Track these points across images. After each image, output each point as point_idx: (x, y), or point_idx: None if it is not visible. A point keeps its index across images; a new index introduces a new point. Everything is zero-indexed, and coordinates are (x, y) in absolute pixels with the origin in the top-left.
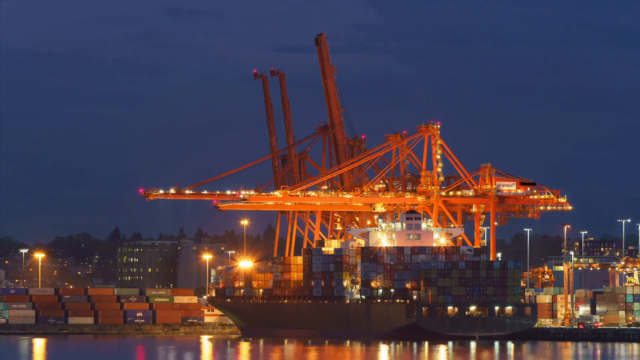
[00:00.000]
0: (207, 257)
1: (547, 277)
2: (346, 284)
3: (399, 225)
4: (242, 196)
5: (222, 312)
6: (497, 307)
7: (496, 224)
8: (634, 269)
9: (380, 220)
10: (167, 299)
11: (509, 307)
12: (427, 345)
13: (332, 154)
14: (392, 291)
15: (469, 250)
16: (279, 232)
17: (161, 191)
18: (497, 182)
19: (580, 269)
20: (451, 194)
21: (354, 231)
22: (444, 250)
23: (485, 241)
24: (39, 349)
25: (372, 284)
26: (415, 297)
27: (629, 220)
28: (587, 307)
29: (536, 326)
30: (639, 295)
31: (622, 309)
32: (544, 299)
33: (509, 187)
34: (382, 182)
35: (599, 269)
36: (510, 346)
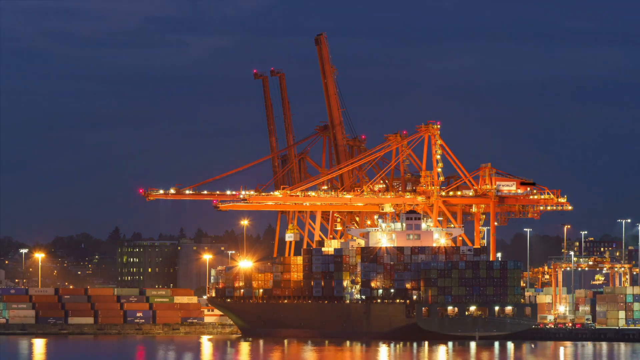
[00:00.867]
0: (207, 257)
1: (547, 277)
2: (346, 284)
3: (399, 225)
4: (242, 196)
5: (222, 312)
6: (497, 307)
7: (496, 224)
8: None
9: (380, 220)
10: (167, 299)
11: (509, 307)
12: (427, 345)
13: (332, 154)
14: (392, 291)
15: (469, 250)
16: (279, 232)
17: (161, 191)
18: (497, 182)
19: (568, 269)
20: (451, 194)
21: (354, 231)
22: (444, 250)
23: (485, 241)
24: (39, 349)
25: (372, 284)
26: (415, 297)
27: (629, 220)
28: (587, 307)
29: (543, 322)
30: (639, 295)
31: (622, 309)
32: (544, 299)
33: (509, 187)
34: (382, 182)
35: (587, 269)
36: (510, 346)
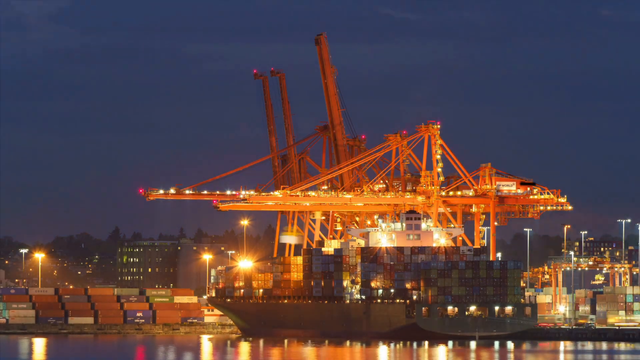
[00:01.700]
0: (207, 257)
1: (547, 277)
2: (346, 284)
3: (399, 225)
4: (242, 196)
5: (222, 312)
6: (497, 307)
7: (496, 224)
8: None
9: (380, 220)
10: (167, 299)
11: (509, 307)
12: (427, 345)
13: (332, 154)
14: (392, 291)
15: (469, 250)
16: (279, 232)
17: (161, 191)
18: (497, 182)
19: (568, 269)
20: (451, 194)
21: (354, 231)
22: (444, 250)
23: (485, 241)
24: (39, 349)
25: (372, 284)
26: (415, 297)
27: (629, 220)
28: (587, 307)
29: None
30: (639, 295)
31: (622, 309)
32: (544, 299)
33: (509, 187)
34: (382, 182)
35: (587, 269)
36: (510, 346)
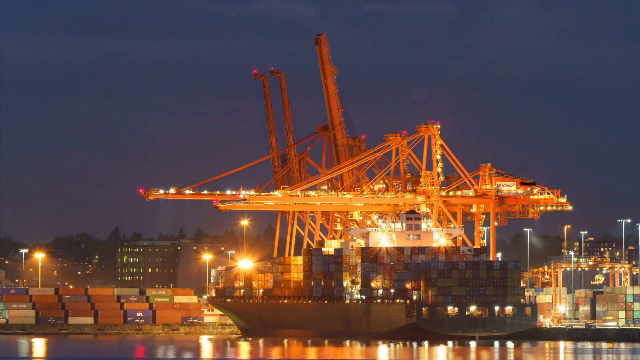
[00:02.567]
0: (207, 257)
1: (547, 277)
2: (346, 284)
3: (399, 225)
4: (242, 196)
5: (222, 312)
6: (497, 307)
7: (496, 224)
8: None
9: (380, 220)
10: (167, 299)
11: (509, 307)
12: (427, 345)
13: (332, 154)
14: (392, 291)
15: (469, 250)
16: (279, 232)
17: (161, 191)
18: (497, 182)
19: (568, 269)
20: (451, 194)
21: (354, 231)
22: (444, 250)
23: (485, 241)
24: (39, 349)
25: (372, 284)
26: (415, 297)
27: (629, 220)
28: (587, 307)
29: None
30: (639, 295)
31: (622, 309)
32: (544, 299)
33: (509, 187)
34: (382, 182)
35: (587, 269)
36: (510, 346)
